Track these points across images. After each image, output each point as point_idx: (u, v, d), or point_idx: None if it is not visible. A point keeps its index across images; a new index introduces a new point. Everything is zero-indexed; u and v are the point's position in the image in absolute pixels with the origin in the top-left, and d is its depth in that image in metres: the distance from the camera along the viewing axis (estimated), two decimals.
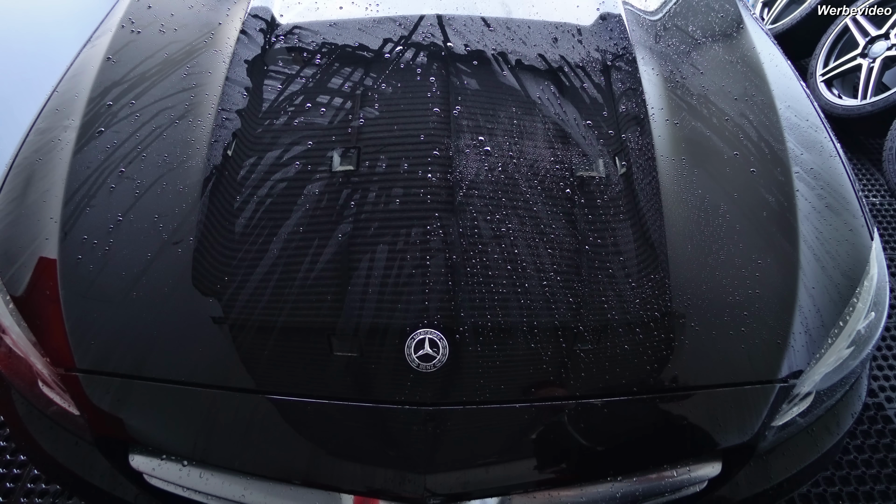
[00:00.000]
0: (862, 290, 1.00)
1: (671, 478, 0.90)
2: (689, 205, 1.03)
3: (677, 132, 1.14)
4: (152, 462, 0.89)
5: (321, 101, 1.15)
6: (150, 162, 1.06)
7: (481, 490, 0.87)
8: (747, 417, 0.90)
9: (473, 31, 1.30)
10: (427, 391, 0.85)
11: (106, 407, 0.87)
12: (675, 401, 0.89)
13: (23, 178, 1.07)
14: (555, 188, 1.03)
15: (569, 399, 0.86)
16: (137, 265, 0.93)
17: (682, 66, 1.30)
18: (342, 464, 0.86)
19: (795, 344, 0.92)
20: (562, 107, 1.17)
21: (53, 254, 0.95)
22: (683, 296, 0.93)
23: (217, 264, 0.94)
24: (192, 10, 1.39)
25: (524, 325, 0.89)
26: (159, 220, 0.98)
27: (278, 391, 0.86)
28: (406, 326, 0.87)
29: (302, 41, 1.28)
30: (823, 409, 1.03)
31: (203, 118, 1.12)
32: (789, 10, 3.04)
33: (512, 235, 0.97)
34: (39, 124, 1.16)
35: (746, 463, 0.95)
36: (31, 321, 0.92)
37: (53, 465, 0.99)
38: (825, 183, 1.11)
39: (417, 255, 0.93)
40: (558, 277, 0.93)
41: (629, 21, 1.37)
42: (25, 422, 1.02)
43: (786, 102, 1.23)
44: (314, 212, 0.99)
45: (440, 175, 1.02)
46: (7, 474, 1.44)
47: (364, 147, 1.08)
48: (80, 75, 1.23)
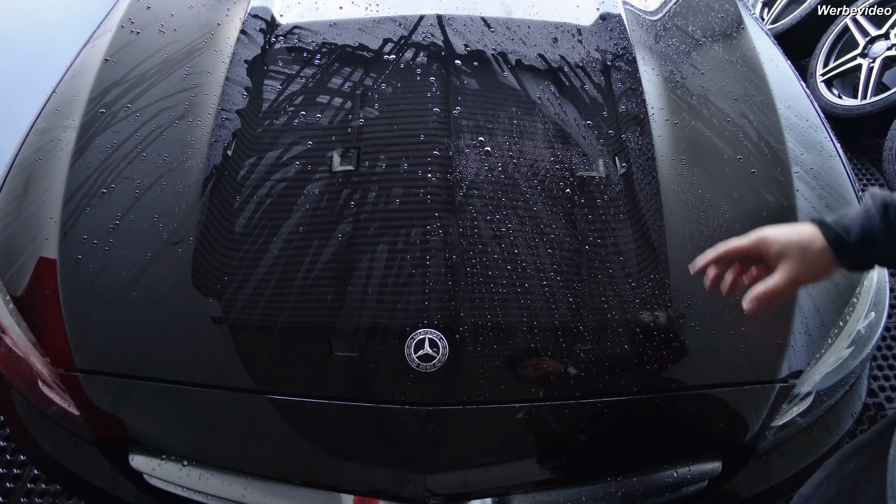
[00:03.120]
0: (862, 290, 1.00)
1: (671, 478, 0.90)
2: (689, 205, 1.03)
3: (677, 132, 1.14)
4: (152, 462, 0.89)
5: (321, 101, 1.15)
6: (150, 162, 1.06)
7: (481, 490, 0.87)
8: (747, 417, 0.90)
9: (473, 31, 1.30)
10: (427, 391, 0.85)
11: (106, 407, 0.87)
12: (674, 401, 0.89)
13: (23, 178, 1.07)
14: (555, 188, 1.03)
15: (568, 399, 0.86)
16: (137, 265, 0.93)
17: (682, 66, 1.29)
18: (342, 464, 0.86)
19: (795, 344, 0.92)
20: (562, 107, 1.17)
21: (53, 254, 0.95)
22: (683, 296, 0.93)
23: (217, 264, 0.94)
24: (192, 10, 1.39)
25: (524, 325, 0.89)
26: (159, 220, 0.98)
27: (278, 391, 0.86)
28: (406, 326, 0.87)
29: (302, 41, 1.28)
30: (823, 409, 1.03)
31: (203, 118, 1.12)
32: (789, 10, 3.03)
33: (512, 235, 0.97)
34: (39, 124, 1.16)
35: (746, 463, 0.96)
36: (31, 321, 0.92)
37: (53, 465, 0.99)
38: (825, 183, 1.11)
39: (417, 255, 0.93)
40: (558, 277, 0.93)
41: (629, 21, 1.37)
42: (25, 422, 1.02)
43: (786, 102, 1.23)
44: (314, 212, 0.99)
45: (440, 175, 1.02)
46: (7, 474, 1.44)
47: (364, 147, 1.08)
48: (79, 75, 1.23)
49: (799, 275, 0.67)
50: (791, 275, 0.67)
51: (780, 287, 0.68)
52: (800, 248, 0.67)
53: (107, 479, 0.95)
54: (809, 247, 0.67)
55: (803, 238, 0.68)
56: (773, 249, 0.69)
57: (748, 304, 0.70)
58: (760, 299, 0.69)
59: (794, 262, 0.67)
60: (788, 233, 0.69)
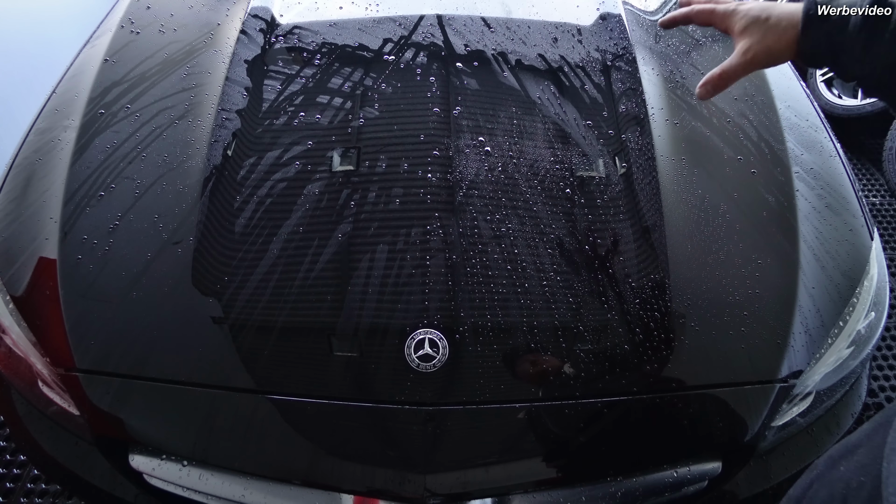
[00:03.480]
0: (862, 290, 1.00)
1: (671, 478, 0.90)
2: (689, 205, 1.03)
3: (677, 132, 1.14)
4: (152, 462, 0.89)
5: (321, 101, 1.15)
6: (150, 162, 1.06)
7: (481, 490, 0.87)
8: (747, 417, 0.90)
9: (473, 31, 1.30)
10: (427, 391, 0.85)
11: (106, 407, 0.87)
12: (674, 401, 0.88)
13: (23, 178, 1.07)
14: (555, 188, 1.03)
15: (568, 399, 0.86)
16: (137, 265, 0.93)
17: (682, 66, 1.30)
18: (342, 464, 0.86)
19: (795, 344, 0.92)
20: (562, 107, 1.17)
21: (53, 254, 0.95)
22: (683, 296, 0.93)
23: (217, 264, 0.94)
24: (192, 10, 1.39)
25: (524, 325, 0.89)
26: (159, 220, 0.98)
27: (278, 391, 0.86)
28: (406, 326, 0.87)
29: (302, 41, 1.28)
30: (823, 409, 1.03)
31: (203, 118, 1.12)
32: None
33: (512, 235, 0.97)
34: (39, 124, 1.16)
35: (746, 463, 0.96)
36: (31, 321, 0.92)
37: (53, 465, 0.99)
38: (825, 183, 1.11)
39: (417, 255, 0.93)
40: (558, 277, 0.93)
41: (629, 21, 1.37)
42: (25, 422, 1.02)
43: (786, 102, 1.23)
44: (314, 212, 0.99)
45: (440, 175, 1.02)
46: (7, 474, 1.44)
47: (364, 147, 1.08)
48: (79, 75, 1.23)
49: (755, 54, 0.63)
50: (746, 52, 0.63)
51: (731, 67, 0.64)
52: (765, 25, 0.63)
53: (107, 479, 0.95)
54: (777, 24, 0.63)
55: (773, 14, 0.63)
56: (737, 25, 0.65)
57: (699, 88, 0.67)
58: (712, 82, 0.66)
59: (754, 37, 0.63)
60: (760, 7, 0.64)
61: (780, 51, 0.63)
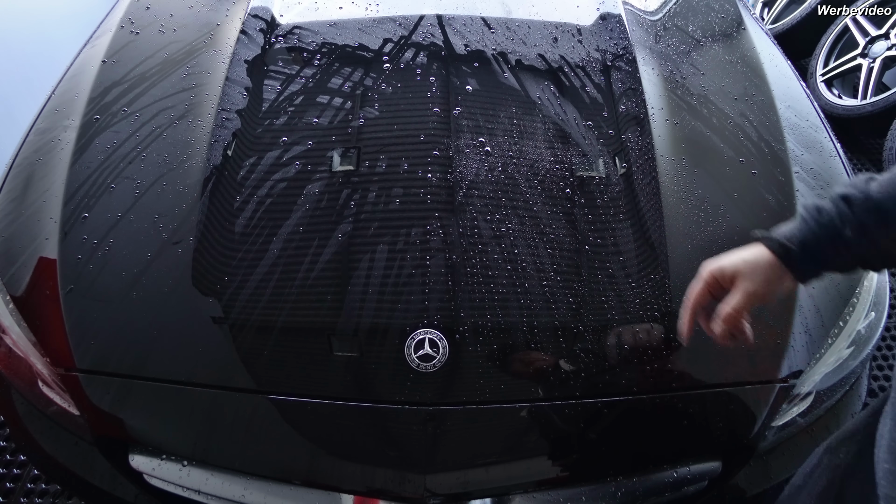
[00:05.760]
0: (862, 290, 1.00)
1: (671, 478, 0.90)
2: (689, 205, 1.03)
3: (677, 132, 1.14)
4: (152, 462, 0.89)
5: (321, 101, 1.15)
6: (150, 162, 1.06)
7: (481, 490, 0.87)
8: (747, 417, 0.90)
9: (473, 32, 1.30)
10: (427, 391, 0.85)
11: (106, 407, 0.87)
12: (675, 401, 0.88)
13: (23, 178, 1.07)
14: (555, 188, 1.03)
15: (568, 399, 0.86)
16: (137, 265, 0.93)
17: (682, 66, 1.29)
18: (342, 464, 0.86)
19: (795, 344, 0.92)
20: (562, 107, 1.17)
21: (53, 254, 0.95)
22: (683, 296, 0.92)
23: (217, 264, 0.94)
24: (192, 10, 1.39)
25: (524, 325, 0.89)
26: (159, 220, 0.98)
27: (278, 391, 0.86)
28: (406, 326, 0.87)
29: (302, 41, 1.28)
30: (823, 409, 1.03)
31: (203, 118, 1.12)
32: (789, 10, 3.03)
33: (512, 235, 0.97)
34: (39, 124, 1.16)
35: (746, 463, 0.95)
36: (31, 321, 0.92)
37: (53, 465, 0.99)
38: (825, 183, 1.11)
39: (417, 255, 0.93)
40: (558, 277, 0.93)
41: (629, 21, 1.37)
42: (25, 422, 1.02)
43: (786, 102, 1.23)
44: (314, 212, 0.99)
45: (440, 175, 1.02)
46: (7, 474, 1.44)
47: (364, 147, 1.08)
48: (79, 75, 1.23)
49: (756, 290, 0.67)
50: (748, 290, 0.67)
51: (739, 303, 0.67)
52: (750, 266, 0.67)
53: (107, 479, 0.95)
54: (758, 262, 0.67)
55: (751, 256, 0.68)
56: (727, 275, 0.69)
57: (717, 328, 0.69)
58: (725, 320, 0.68)
59: (749, 280, 0.67)
60: (736, 256, 0.69)
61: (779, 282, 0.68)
